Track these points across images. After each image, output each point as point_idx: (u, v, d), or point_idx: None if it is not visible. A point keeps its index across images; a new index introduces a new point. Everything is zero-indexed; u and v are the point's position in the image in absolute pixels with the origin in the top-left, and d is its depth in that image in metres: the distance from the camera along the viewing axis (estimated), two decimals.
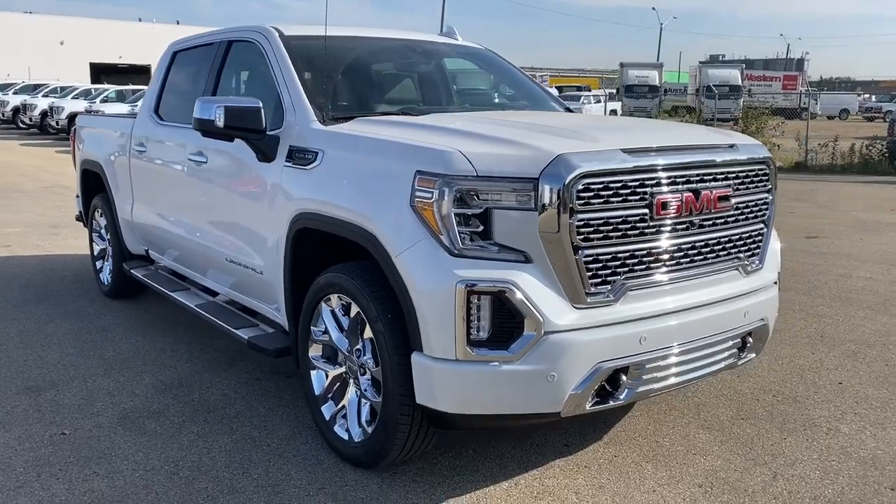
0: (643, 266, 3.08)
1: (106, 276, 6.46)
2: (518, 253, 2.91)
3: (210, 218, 4.54)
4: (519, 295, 2.84)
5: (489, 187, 2.89)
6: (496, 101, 4.90)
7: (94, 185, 6.46)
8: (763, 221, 3.58)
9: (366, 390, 3.36)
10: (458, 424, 3.11)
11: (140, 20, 58.64)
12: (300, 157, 3.65)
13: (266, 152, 3.85)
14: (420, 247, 2.95)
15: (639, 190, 3.00)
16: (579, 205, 2.87)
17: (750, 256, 3.52)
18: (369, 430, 3.34)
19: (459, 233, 2.90)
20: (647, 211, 3.02)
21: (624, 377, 3.05)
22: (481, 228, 2.91)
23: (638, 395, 3.15)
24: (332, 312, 3.49)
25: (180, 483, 3.34)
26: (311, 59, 4.18)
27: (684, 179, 3.13)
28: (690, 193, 3.14)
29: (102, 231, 6.49)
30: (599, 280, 2.98)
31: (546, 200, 2.84)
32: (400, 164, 3.09)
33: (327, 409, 3.59)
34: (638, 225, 3.02)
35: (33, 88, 31.47)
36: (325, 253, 3.57)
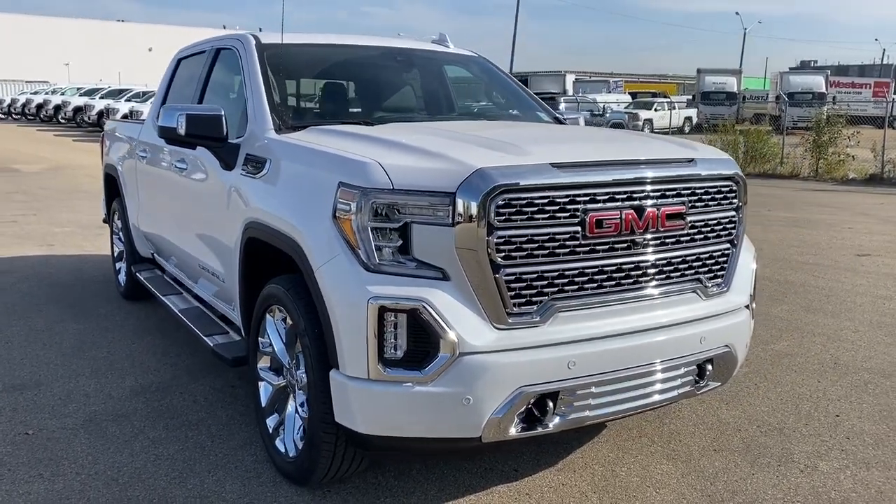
0: (575, 287, 2.91)
1: (122, 278, 6.63)
2: (436, 270, 2.80)
3: (188, 223, 4.59)
4: (432, 313, 2.72)
5: (407, 201, 2.79)
6: (473, 110, 4.79)
7: (113, 188, 6.64)
8: (729, 241, 3.35)
9: (301, 405, 3.30)
10: (377, 445, 3.01)
11: (224, 27, 60.62)
12: (253, 165, 3.63)
13: (227, 160, 3.84)
14: (337, 261, 2.88)
15: (569, 206, 2.84)
16: (499, 221, 2.74)
17: (712, 278, 3.30)
18: (300, 446, 3.27)
19: (377, 247, 2.81)
20: (578, 229, 2.86)
21: (551, 403, 2.89)
22: (400, 243, 2.81)
23: (570, 423, 2.98)
24: (275, 325, 3.44)
25: (115, 490, 3.35)
26: (282, 68, 4.17)
27: (625, 196, 2.95)
28: (632, 211, 2.95)
29: (120, 234, 6.66)
30: (523, 300, 2.83)
31: (463, 216, 2.72)
32: (326, 175, 3.02)
33: (271, 422, 3.55)
34: (568, 243, 2.86)
35: (118, 93, 32.89)
36: (273, 263, 3.52)
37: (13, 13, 59.42)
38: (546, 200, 2.80)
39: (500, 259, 2.76)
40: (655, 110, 35.45)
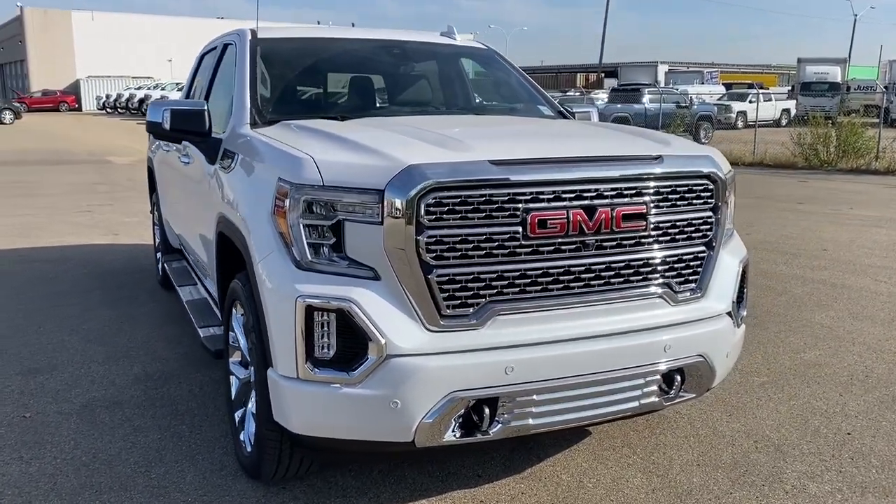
0: (516, 289, 2.78)
1: (160, 267, 6.85)
2: (367, 269, 2.73)
3: (189, 216, 4.67)
4: (359, 314, 2.66)
5: (338, 198, 2.72)
6: (468, 104, 4.65)
7: (151, 181, 6.87)
8: (705, 244, 3.13)
9: (257, 401, 3.29)
10: (311, 446, 2.98)
11: (318, 23, 61.95)
12: (228, 159, 3.65)
13: (209, 154, 3.89)
14: (272, 258, 2.85)
15: (507, 205, 2.71)
16: (429, 220, 2.64)
17: (682, 283, 3.09)
18: (253, 441, 3.27)
19: (309, 245, 2.76)
20: (519, 229, 2.72)
21: (488, 410, 2.77)
22: (334, 241, 2.76)
23: (512, 431, 2.85)
24: (238, 320, 3.45)
25: (84, 475, 3.44)
26: (275, 62, 4.18)
27: (573, 195, 2.79)
28: (581, 211, 2.79)
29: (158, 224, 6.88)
30: (458, 302, 2.72)
31: (391, 214, 2.63)
32: (270, 171, 3.00)
33: (238, 415, 3.56)
34: (507, 244, 2.73)
35: None
36: (239, 259, 3.52)
37: (123, 12, 62.73)
38: (482, 199, 2.68)
39: (431, 259, 2.66)
40: (750, 102, 33.99)
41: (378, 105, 4.42)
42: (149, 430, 3.89)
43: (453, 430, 2.79)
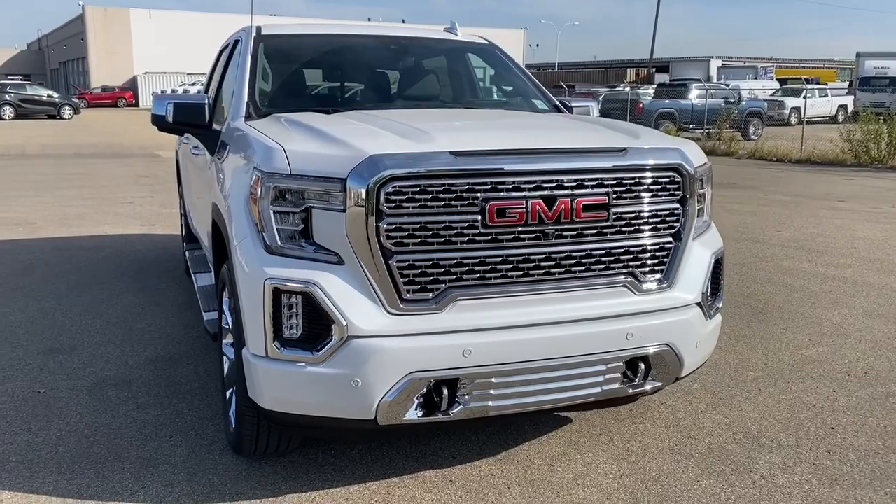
0: (476, 275, 2.89)
1: (185, 256, 7.12)
2: (332, 254, 2.87)
3: (198, 205, 4.88)
4: (322, 296, 2.80)
5: (305, 186, 2.87)
6: (461, 98, 4.74)
7: (178, 172, 7.14)
8: (672, 235, 3.18)
9: (236, 379, 3.46)
10: (282, 422, 3.13)
11: (369, 19, 62.48)
12: (222, 150, 3.83)
13: (208, 145, 4.07)
14: (246, 242, 3.01)
15: (466, 195, 2.81)
16: (389, 208, 2.76)
17: (648, 273, 3.15)
18: (235, 418, 3.45)
19: (278, 230, 2.91)
20: (478, 217, 2.83)
21: (447, 391, 2.89)
22: (302, 227, 2.90)
23: (472, 412, 2.96)
24: (227, 303, 3.62)
25: (83, 446, 3.66)
26: (276, 58, 4.35)
27: (533, 185, 2.88)
28: (541, 201, 2.88)
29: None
30: (418, 287, 2.84)
31: (352, 202, 2.77)
32: (248, 161, 3.16)
33: (228, 394, 3.74)
34: (466, 232, 2.83)
35: None
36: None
37: (179, 10, 64.25)
38: (442, 188, 2.80)
39: (391, 245, 2.79)
40: (804, 97, 33.14)
41: (372, 99, 4.55)
42: (150, 407, 4.11)
43: (415, 410, 2.91)
